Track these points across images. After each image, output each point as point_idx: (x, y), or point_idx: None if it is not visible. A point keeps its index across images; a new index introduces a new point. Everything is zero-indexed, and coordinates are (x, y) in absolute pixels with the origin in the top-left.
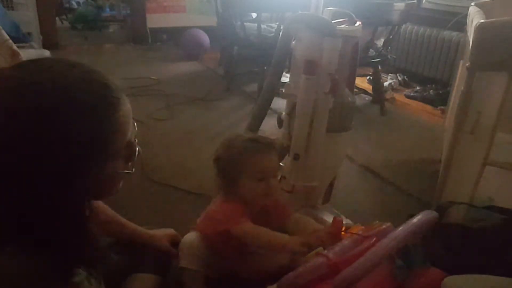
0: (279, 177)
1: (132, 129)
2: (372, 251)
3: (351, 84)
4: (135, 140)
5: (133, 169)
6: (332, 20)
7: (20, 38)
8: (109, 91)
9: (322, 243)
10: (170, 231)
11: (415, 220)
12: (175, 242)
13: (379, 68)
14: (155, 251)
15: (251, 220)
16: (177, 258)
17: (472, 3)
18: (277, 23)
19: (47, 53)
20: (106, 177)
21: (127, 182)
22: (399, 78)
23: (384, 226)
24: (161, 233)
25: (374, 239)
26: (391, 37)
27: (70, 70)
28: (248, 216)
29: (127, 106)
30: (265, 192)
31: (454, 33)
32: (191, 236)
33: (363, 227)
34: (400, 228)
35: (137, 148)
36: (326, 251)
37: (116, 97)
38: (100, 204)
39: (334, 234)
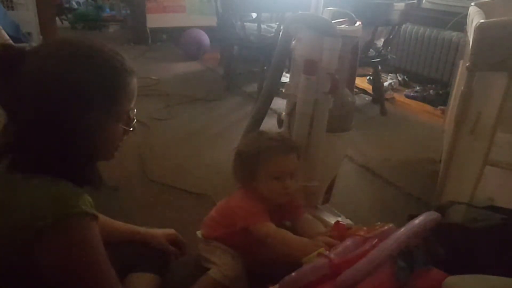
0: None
1: (134, 103)
2: (374, 252)
3: (351, 84)
4: (134, 116)
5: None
6: (332, 20)
7: (20, 38)
8: (125, 62)
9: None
10: (170, 230)
11: (417, 221)
12: (174, 242)
13: (379, 68)
14: (154, 250)
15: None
16: (177, 257)
17: (472, 3)
18: (277, 23)
19: None
20: (108, 136)
21: (127, 182)
22: (399, 78)
23: (386, 227)
24: (160, 233)
25: (376, 240)
26: (391, 37)
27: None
28: (267, 214)
29: (135, 80)
30: (280, 191)
31: (454, 33)
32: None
33: (365, 228)
34: (402, 229)
35: (134, 120)
36: (328, 252)
37: (130, 67)
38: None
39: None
